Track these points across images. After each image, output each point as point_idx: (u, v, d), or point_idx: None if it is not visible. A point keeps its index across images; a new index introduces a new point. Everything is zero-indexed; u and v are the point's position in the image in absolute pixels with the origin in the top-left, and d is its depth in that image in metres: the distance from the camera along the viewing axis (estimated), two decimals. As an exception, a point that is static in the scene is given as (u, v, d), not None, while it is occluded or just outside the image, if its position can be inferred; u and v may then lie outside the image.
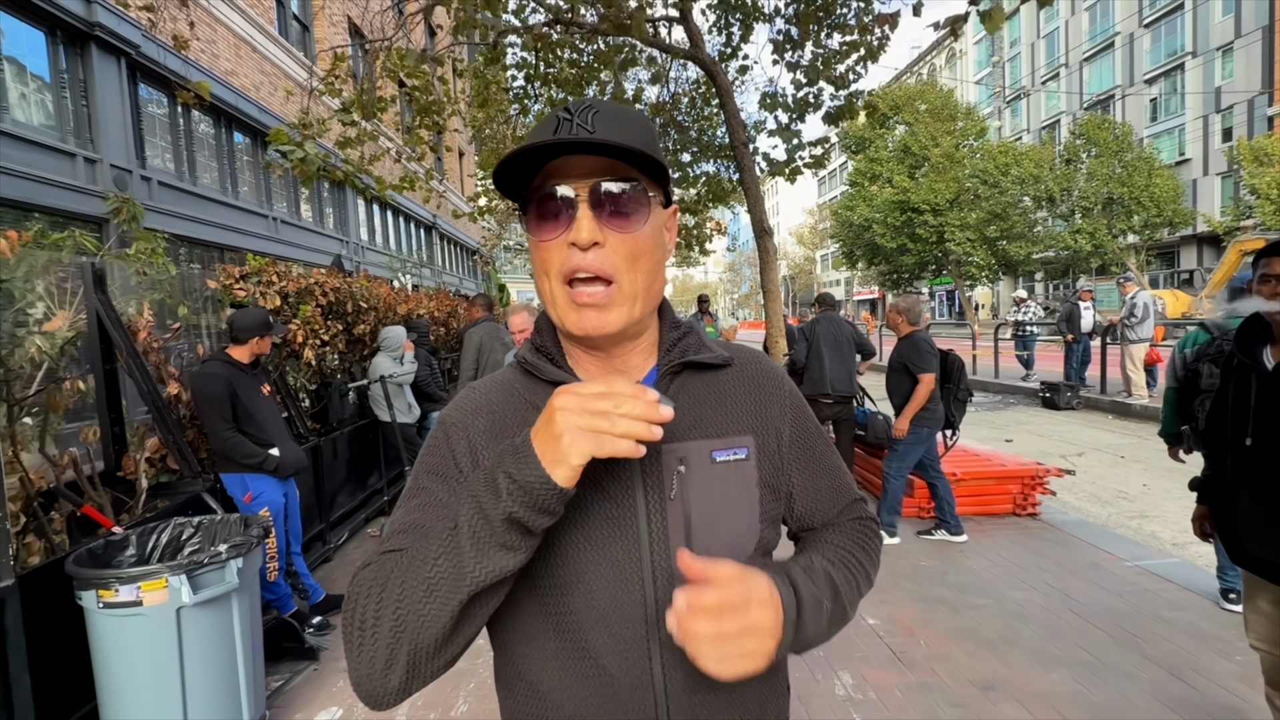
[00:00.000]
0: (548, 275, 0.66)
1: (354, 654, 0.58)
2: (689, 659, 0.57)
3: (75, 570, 1.91)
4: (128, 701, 1.94)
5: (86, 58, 7.32)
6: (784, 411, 0.77)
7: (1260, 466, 1.85)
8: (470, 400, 0.74)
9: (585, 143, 0.60)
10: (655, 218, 0.68)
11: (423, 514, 0.66)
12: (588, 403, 0.53)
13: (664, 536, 0.66)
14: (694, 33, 7.62)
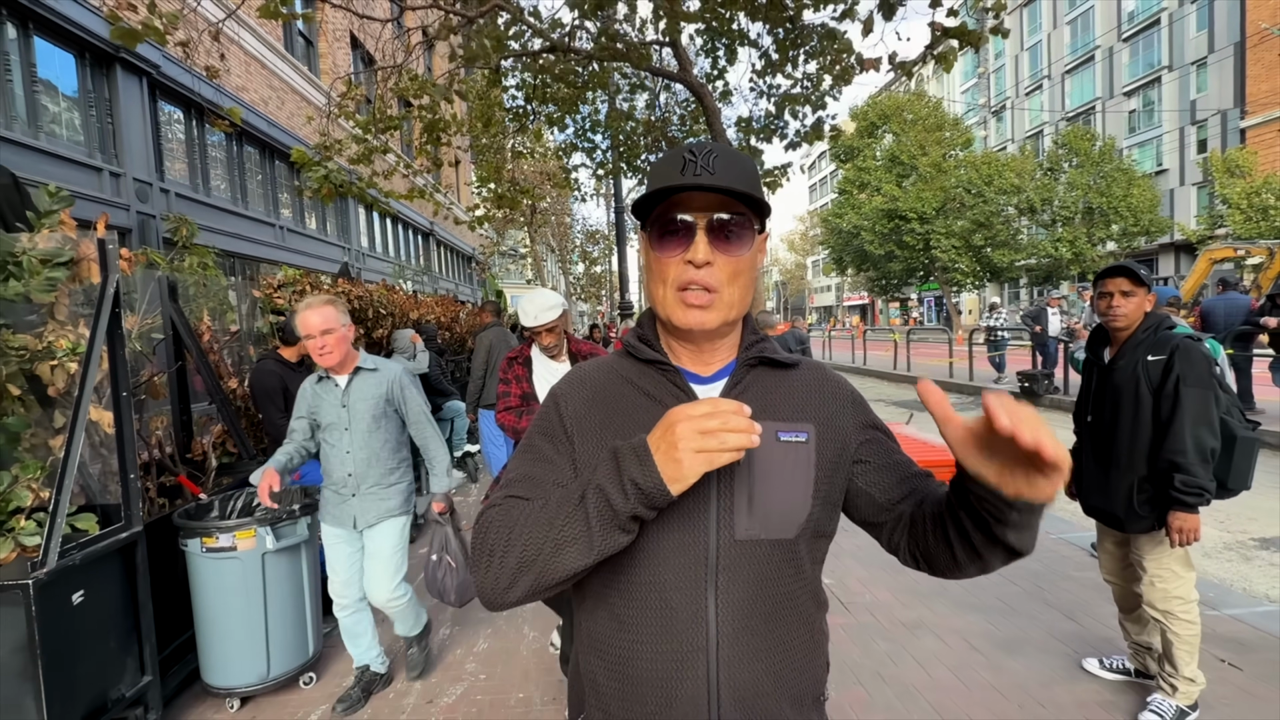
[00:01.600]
0: (664, 283, 0.81)
1: (481, 572, 0.75)
2: (737, 602, 0.75)
3: (183, 522, 2.42)
4: (224, 629, 2.44)
5: (111, 77, 7.79)
6: (844, 408, 0.88)
7: (1096, 437, 2.40)
8: (576, 376, 0.90)
9: (706, 187, 0.74)
10: (754, 243, 0.81)
11: (533, 467, 0.83)
12: (699, 424, 0.64)
13: (729, 495, 0.78)
14: (683, 57, 8.19)
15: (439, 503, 2.60)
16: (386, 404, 2.49)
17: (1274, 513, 4.69)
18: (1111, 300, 2.32)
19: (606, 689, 0.80)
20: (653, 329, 0.90)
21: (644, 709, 0.77)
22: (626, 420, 0.82)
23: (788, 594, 0.80)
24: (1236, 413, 2.28)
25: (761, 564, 0.78)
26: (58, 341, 2.14)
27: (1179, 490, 2.12)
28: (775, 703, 0.78)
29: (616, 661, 0.79)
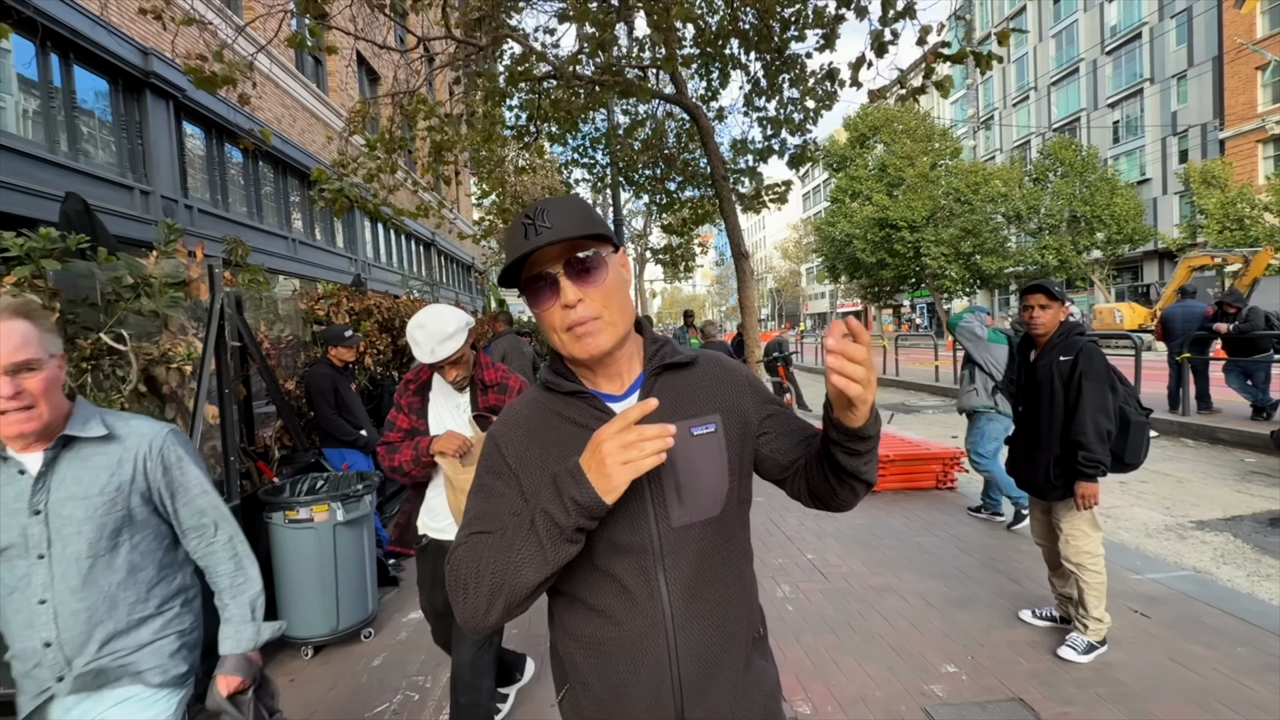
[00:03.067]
0: (555, 330, 0.91)
1: (459, 604, 0.85)
2: (683, 578, 0.90)
3: (268, 498, 2.90)
4: (301, 588, 2.92)
5: (142, 101, 8.28)
6: (743, 391, 1.01)
7: (1024, 424, 2.92)
8: (509, 416, 1.00)
9: (549, 242, 0.84)
10: (611, 266, 0.92)
11: (487, 503, 0.93)
12: (620, 440, 0.75)
13: (661, 492, 0.91)
14: (678, 80, 8.74)
15: (231, 675, 1.42)
16: (131, 501, 1.35)
17: (1216, 500, 5.21)
18: (1032, 312, 2.86)
19: (583, 666, 0.94)
20: (564, 363, 1.00)
21: (616, 677, 0.91)
22: (561, 449, 0.93)
23: (723, 559, 0.95)
24: (1134, 402, 2.80)
25: (698, 541, 0.92)
26: (174, 348, 2.62)
27: (1081, 464, 2.64)
28: (722, 650, 0.93)
29: (589, 643, 0.93)
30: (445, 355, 1.98)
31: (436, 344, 1.96)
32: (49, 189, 6.61)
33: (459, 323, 2.02)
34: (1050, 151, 28.36)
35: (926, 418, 9.87)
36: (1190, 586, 3.34)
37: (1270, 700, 2.35)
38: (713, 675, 0.91)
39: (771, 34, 7.24)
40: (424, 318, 2.02)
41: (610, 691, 0.91)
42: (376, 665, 2.94)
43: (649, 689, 0.89)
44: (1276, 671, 2.53)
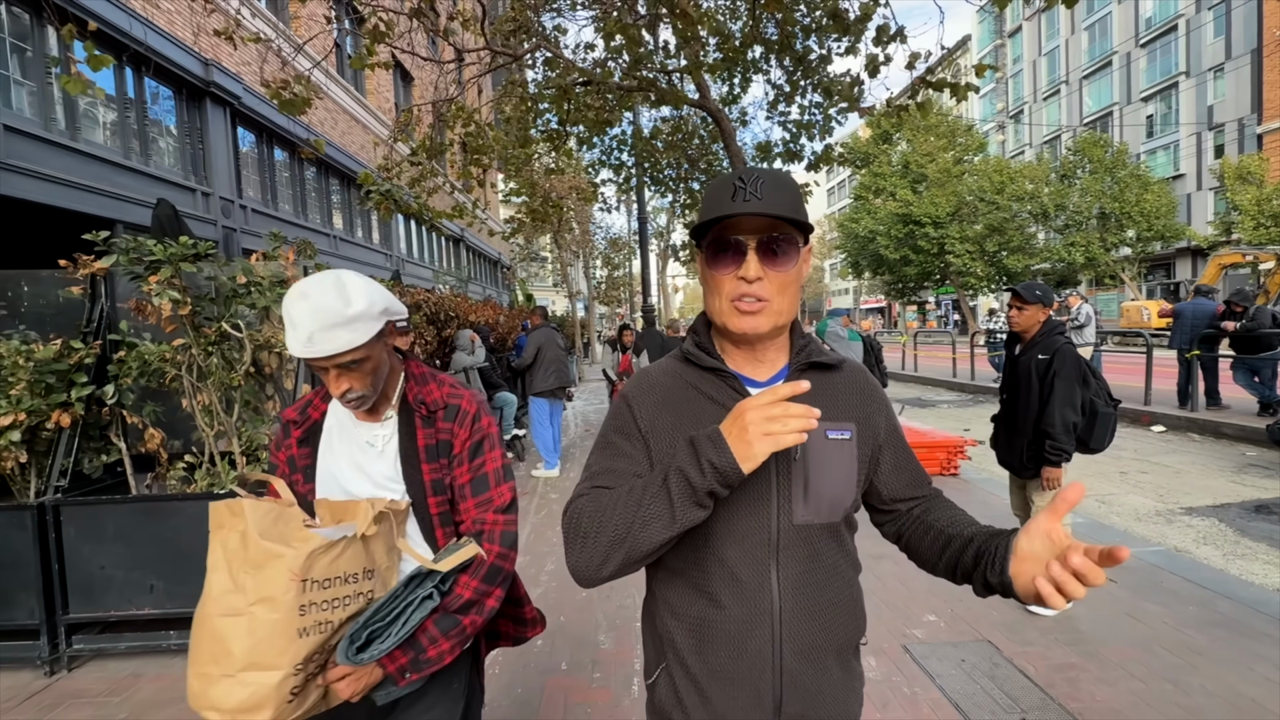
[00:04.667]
0: (719, 295, 0.92)
1: (575, 553, 0.86)
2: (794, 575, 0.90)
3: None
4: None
5: (202, 109, 8.93)
6: (880, 410, 1.01)
7: (1005, 410, 3.30)
8: (645, 379, 1.00)
9: (755, 213, 0.85)
10: (799, 257, 0.92)
11: (613, 460, 0.94)
12: (766, 412, 0.75)
13: (787, 487, 0.91)
14: (701, 85, 9.13)
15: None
16: None
17: (1209, 489, 5.49)
18: (1010, 312, 3.24)
19: (684, 645, 0.94)
20: (708, 337, 1.00)
21: (717, 660, 0.91)
22: (693, 421, 0.93)
23: (834, 565, 0.95)
24: (1103, 395, 3.17)
25: (814, 542, 0.92)
26: (275, 336, 3.15)
27: (1048, 451, 3.04)
28: (825, 653, 0.93)
29: (694, 624, 0.93)
30: (333, 350, 1.11)
31: (321, 328, 1.10)
32: (126, 192, 7.29)
33: (368, 301, 1.16)
34: (1079, 148, 28.01)
35: (940, 411, 10.16)
36: (1160, 559, 3.69)
37: (1205, 646, 2.72)
38: (815, 673, 0.92)
39: (792, 41, 7.60)
40: (309, 286, 1.14)
41: (710, 674, 0.91)
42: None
43: (749, 677, 0.90)
44: (1219, 626, 2.90)
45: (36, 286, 3.28)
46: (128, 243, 2.89)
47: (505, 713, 2.45)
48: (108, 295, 3.15)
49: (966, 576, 0.90)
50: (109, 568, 2.85)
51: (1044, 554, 0.76)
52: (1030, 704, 2.37)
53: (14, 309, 3.23)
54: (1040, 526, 0.76)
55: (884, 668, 2.67)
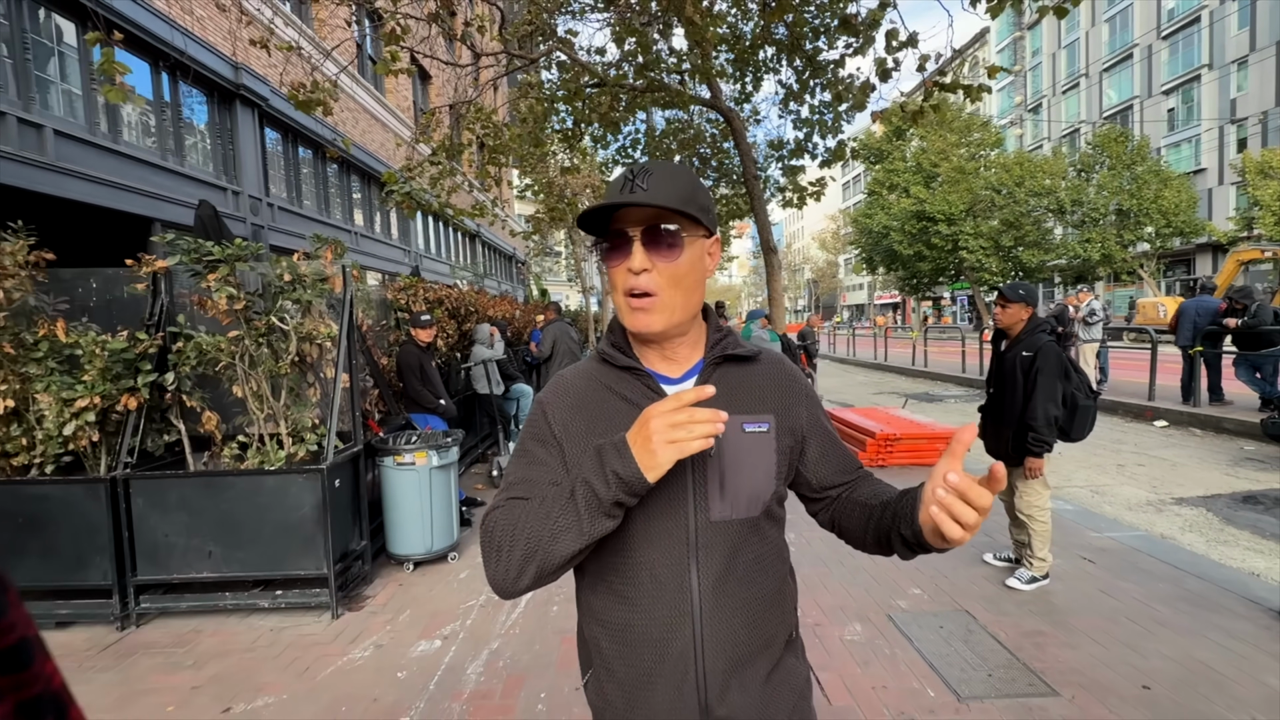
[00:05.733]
0: (616, 289, 0.93)
1: (491, 566, 0.86)
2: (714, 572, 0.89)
3: (380, 445, 3.74)
4: (405, 517, 3.75)
5: (232, 111, 9.31)
6: (800, 400, 1.00)
7: (993, 403, 3.53)
8: (560, 385, 1.00)
9: (637, 203, 0.85)
10: (693, 249, 0.90)
11: (528, 469, 0.93)
12: (670, 419, 0.74)
13: (704, 483, 0.90)
14: (714, 86, 9.34)
15: None
16: None
17: (1202, 481, 5.66)
18: (994, 309, 3.47)
19: (609, 651, 0.93)
20: (623, 337, 1.00)
21: (641, 665, 0.90)
22: (608, 423, 0.92)
23: (756, 557, 0.94)
24: (1084, 388, 3.39)
25: (733, 538, 0.91)
26: (316, 329, 3.46)
27: (1030, 443, 3.27)
28: (750, 649, 0.91)
29: (616, 628, 0.92)
30: None
31: None
32: (163, 191, 7.67)
33: None
34: (1098, 142, 27.74)
35: (947, 405, 10.33)
36: (1138, 542, 3.90)
37: (1168, 618, 2.95)
38: (740, 672, 0.91)
39: (803, 42, 7.79)
40: None
41: (635, 678, 0.91)
42: (463, 578, 3.76)
43: (673, 679, 0.89)
44: (1184, 601, 3.12)
45: (102, 283, 3.63)
46: (189, 244, 3.21)
47: (526, 664, 2.75)
48: (167, 291, 3.48)
49: (887, 540, 0.89)
50: (172, 535, 3.19)
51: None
52: (997, 664, 2.62)
53: (74, 304, 3.57)
54: (939, 470, 0.75)
55: (868, 633, 2.93)
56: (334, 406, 3.34)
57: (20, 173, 5.92)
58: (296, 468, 3.22)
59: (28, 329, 3.28)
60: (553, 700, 2.48)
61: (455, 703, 2.49)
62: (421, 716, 2.41)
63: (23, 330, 3.26)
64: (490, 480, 6.03)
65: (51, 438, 3.19)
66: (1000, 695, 2.41)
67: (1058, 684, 2.47)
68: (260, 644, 3.02)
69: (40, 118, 6.17)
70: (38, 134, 6.17)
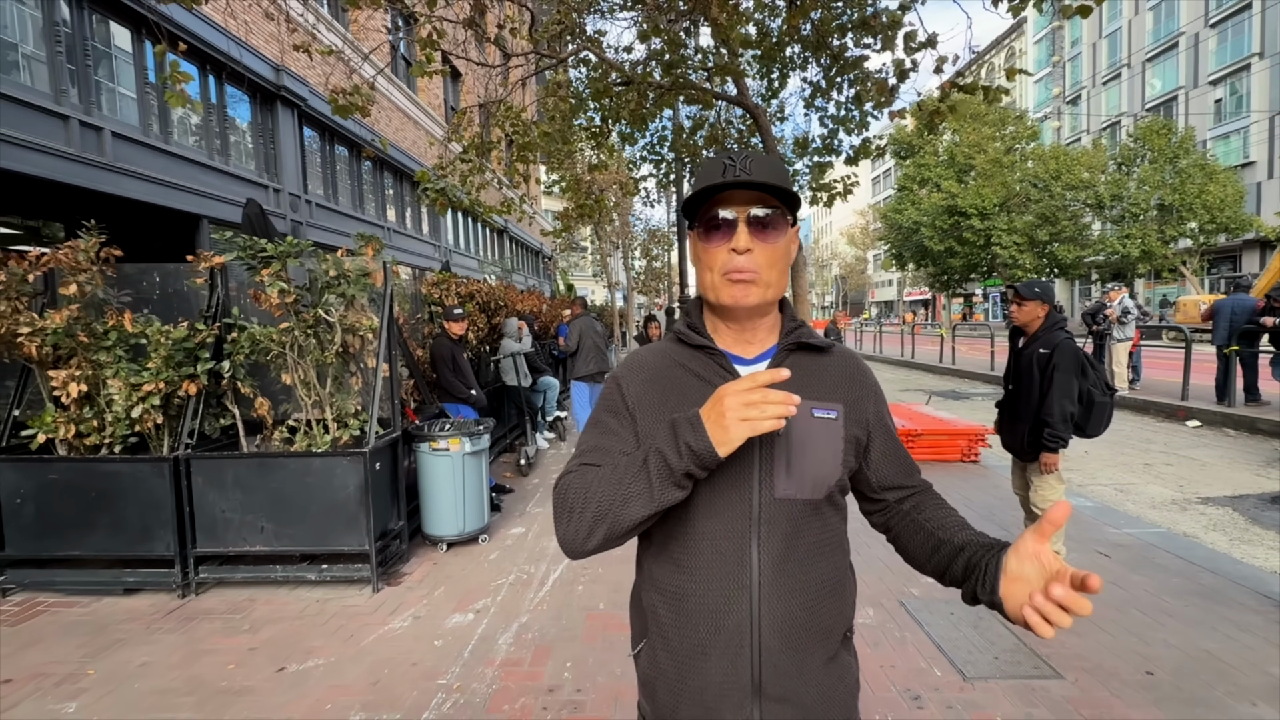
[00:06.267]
0: (711, 269, 0.96)
1: (562, 526, 0.90)
2: (774, 550, 0.91)
3: (415, 432, 3.96)
4: (439, 499, 3.97)
5: (273, 111, 9.67)
6: (869, 396, 1.03)
7: (1010, 399, 3.59)
8: (635, 360, 1.04)
9: (745, 183, 0.90)
10: (787, 233, 0.96)
11: (601, 438, 0.98)
12: (744, 398, 0.77)
13: (770, 461, 0.93)
14: (740, 82, 9.40)
15: None
16: None
17: (1231, 481, 5.59)
18: (1011, 307, 3.54)
19: (665, 619, 0.95)
20: (700, 317, 1.04)
21: (697, 635, 0.92)
22: (680, 399, 0.96)
23: (817, 542, 0.95)
24: (1100, 385, 3.43)
25: (795, 518, 0.93)
26: (359, 321, 3.68)
27: (1046, 439, 3.33)
28: (807, 633, 0.92)
29: (674, 597, 0.94)
30: None
31: None
32: (209, 190, 8.05)
33: None
34: (1140, 134, 26.90)
35: (973, 403, 10.26)
36: (1156, 539, 3.93)
37: (1177, 609, 3.01)
38: (796, 655, 0.92)
39: (829, 39, 7.81)
40: None
41: (689, 648, 0.93)
42: (493, 558, 3.97)
43: (728, 652, 0.91)
44: (1196, 594, 3.16)
45: (162, 277, 3.91)
46: (246, 241, 3.46)
47: (553, 636, 2.93)
48: (223, 285, 3.74)
49: (955, 584, 0.91)
50: (228, 511, 3.45)
51: (1033, 576, 0.77)
52: (1004, 648, 2.72)
53: (134, 297, 3.86)
54: (1028, 548, 0.78)
55: (880, 617, 3.05)
56: (375, 394, 3.57)
57: (82, 172, 6.30)
58: (341, 451, 3.46)
59: (97, 319, 3.57)
60: (578, 669, 2.66)
61: (488, 669, 2.68)
62: (457, 679, 2.61)
63: (93, 321, 3.55)
64: (518, 469, 6.24)
65: (120, 420, 3.47)
66: (1005, 676, 2.51)
67: (1062, 667, 2.56)
68: (308, 613, 3.26)
69: (100, 120, 6.55)
70: (98, 136, 6.54)
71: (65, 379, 3.41)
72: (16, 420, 3.63)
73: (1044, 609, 0.73)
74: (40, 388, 3.61)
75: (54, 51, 6.22)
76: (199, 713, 2.43)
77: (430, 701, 2.46)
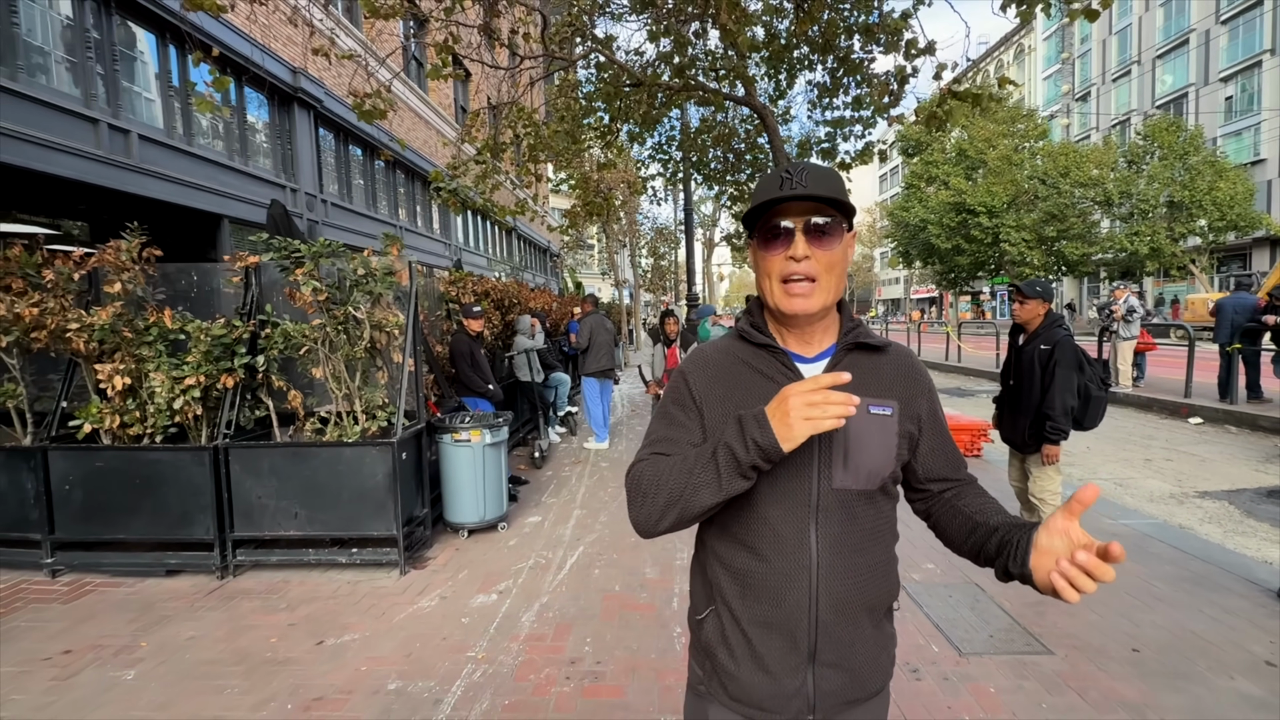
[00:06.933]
0: (769, 276, 1.02)
1: (636, 509, 0.98)
2: (831, 534, 0.98)
3: (439, 424, 4.15)
4: (460, 488, 4.16)
5: (290, 112, 9.87)
6: (922, 393, 1.09)
7: (1011, 395, 3.74)
8: (699, 357, 1.11)
9: (801, 196, 0.95)
10: (844, 239, 1.02)
11: (670, 429, 1.05)
12: (808, 398, 0.83)
13: (829, 454, 1.00)
14: (748, 83, 9.54)
15: None
16: None
17: (1229, 476, 5.71)
18: (1013, 305, 3.68)
19: (731, 593, 1.04)
20: (761, 317, 1.09)
21: (760, 608, 1.01)
22: (744, 394, 1.02)
23: (870, 529, 1.02)
24: (1097, 380, 3.58)
25: (851, 506, 1.00)
26: (386, 318, 3.87)
27: (1048, 432, 3.48)
28: (858, 609, 1.01)
29: (739, 574, 1.03)
30: None
31: None
32: (230, 190, 8.27)
33: None
34: (1149, 132, 26.81)
35: (979, 400, 10.38)
36: (1151, 529, 4.07)
37: (1166, 594, 3.15)
38: (848, 627, 1.00)
39: (835, 41, 7.94)
40: None
41: (752, 620, 1.01)
42: (512, 545, 4.16)
43: (788, 626, 0.99)
44: (1186, 580, 3.31)
45: (200, 276, 4.11)
46: (280, 243, 3.65)
47: (573, 614, 3.12)
48: (257, 283, 3.94)
49: (989, 562, 0.97)
50: (264, 498, 3.65)
51: (1061, 549, 0.83)
52: (999, 627, 2.88)
53: (167, 294, 4.07)
54: (1059, 524, 0.84)
55: (882, 599, 3.21)
56: (403, 388, 3.76)
57: (110, 174, 6.51)
58: (370, 441, 3.65)
59: (137, 316, 3.77)
60: (597, 644, 2.84)
61: (513, 643, 2.87)
62: (485, 652, 2.80)
63: (134, 317, 3.75)
64: (532, 461, 6.43)
65: (161, 411, 3.67)
66: (998, 652, 2.67)
67: (1053, 645, 2.72)
68: (341, 593, 3.45)
69: (127, 123, 6.76)
70: (125, 138, 6.76)
71: (110, 372, 3.61)
72: (65, 411, 3.84)
73: (1069, 574, 0.79)
74: (86, 380, 3.82)
75: (84, 56, 6.44)
76: (248, 680, 2.62)
77: (461, 671, 2.65)
